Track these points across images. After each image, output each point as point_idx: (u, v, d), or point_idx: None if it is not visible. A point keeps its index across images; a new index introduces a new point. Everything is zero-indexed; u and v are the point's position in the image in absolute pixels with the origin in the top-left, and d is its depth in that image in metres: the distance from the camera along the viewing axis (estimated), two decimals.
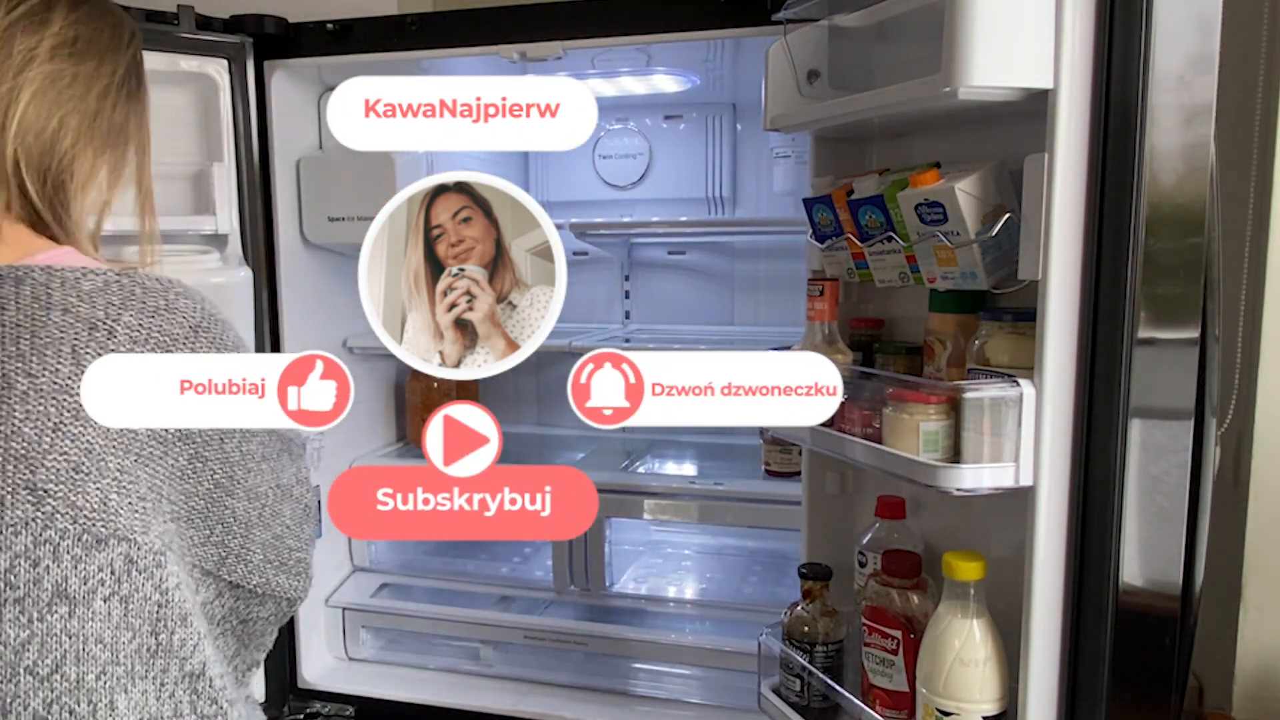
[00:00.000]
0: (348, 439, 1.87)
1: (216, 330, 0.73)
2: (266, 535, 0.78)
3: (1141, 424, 0.90)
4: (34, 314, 0.65)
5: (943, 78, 0.90)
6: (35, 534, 0.62)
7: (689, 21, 1.40)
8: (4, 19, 0.72)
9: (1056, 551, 0.94)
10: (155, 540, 0.67)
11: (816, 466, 1.33)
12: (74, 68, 0.76)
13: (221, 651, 0.76)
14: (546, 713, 1.64)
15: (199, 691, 0.68)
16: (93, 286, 0.68)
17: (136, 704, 0.65)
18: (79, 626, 0.63)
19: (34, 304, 0.66)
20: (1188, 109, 0.86)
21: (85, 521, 0.64)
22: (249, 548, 0.77)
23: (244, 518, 0.76)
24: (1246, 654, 1.41)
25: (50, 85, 0.74)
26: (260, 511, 0.77)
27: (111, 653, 0.64)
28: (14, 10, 0.73)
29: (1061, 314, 0.90)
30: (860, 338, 1.26)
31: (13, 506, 0.62)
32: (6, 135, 0.72)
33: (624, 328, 2.09)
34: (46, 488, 0.63)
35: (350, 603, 1.82)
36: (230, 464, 0.74)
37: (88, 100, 0.77)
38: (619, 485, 1.72)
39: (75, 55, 0.76)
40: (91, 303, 0.67)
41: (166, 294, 0.71)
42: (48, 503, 0.63)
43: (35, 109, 0.73)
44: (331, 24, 1.55)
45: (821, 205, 1.17)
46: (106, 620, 0.64)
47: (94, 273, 0.69)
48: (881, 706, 1.10)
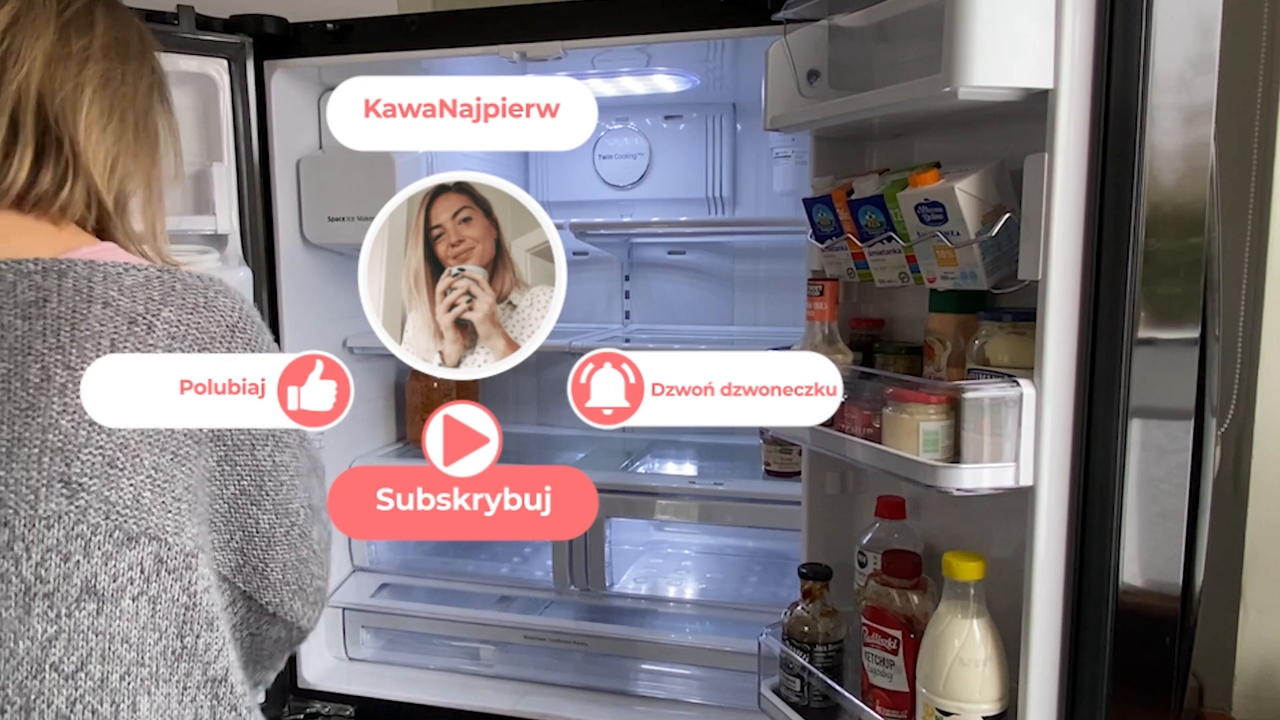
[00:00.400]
0: (348, 439, 1.87)
1: (253, 331, 0.73)
2: (290, 556, 0.77)
3: (1141, 424, 0.90)
4: (75, 307, 0.65)
5: (943, 78, 0.90)
6: (68, 528, 0.62)
7: (689, 21, 1.40)
8: (57, 18, 0.74)
9: (1056, 551, 0.94)
10: (188, 542, 0.66)
11: (816, 466, 1.33)
12: (122, 67, 0.77)
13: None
14: (546, 713, 1.64)
15: (220, 697, 0.67)
16: (134, 281, 0.68)
17: (159, 707, 0.64)
18: (106, 624, 0.62)
19: (75, 297, 0.66)
20: (1188, 109, 0.86)
21: (117, 518, 0.63)
22: (269, 563, 0.75)
23: (267, 532, 0.75)
24: (1246, 654, 1.41)
25: (105, 84, 0.75)
26: (287, 530, 0.76)
27: (137, 653, 0.63)
28: (65, 11, 0.74)
29: (1061, 314, 0.90)
30: (860, 338, 1.26)
31: (46, 499, 0.62)
32: (79, 134, 0.73)
33: (624, 328, 2.09)
34: (81, 481, 0.62)
35: (350, 603, 1.82)
36: (260, 473, 0.73)
37: (138, 99, 0.78)
38: (619, 485, 1.72)
39: (121, 56, 0.77)
40: (132, 297, 0.67)
41: (206, 291, 0.71)
42: (81, 496, 0.62)
43: (99, 107, 0.74)
44: (331, 24, 1.55)
45: (821, 205, 1.17)
46: (134, 620, 0.63)
47: (135, 268, 0.69)
48: (881, 706, 1.10)
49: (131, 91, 0.78)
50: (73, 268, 0.67)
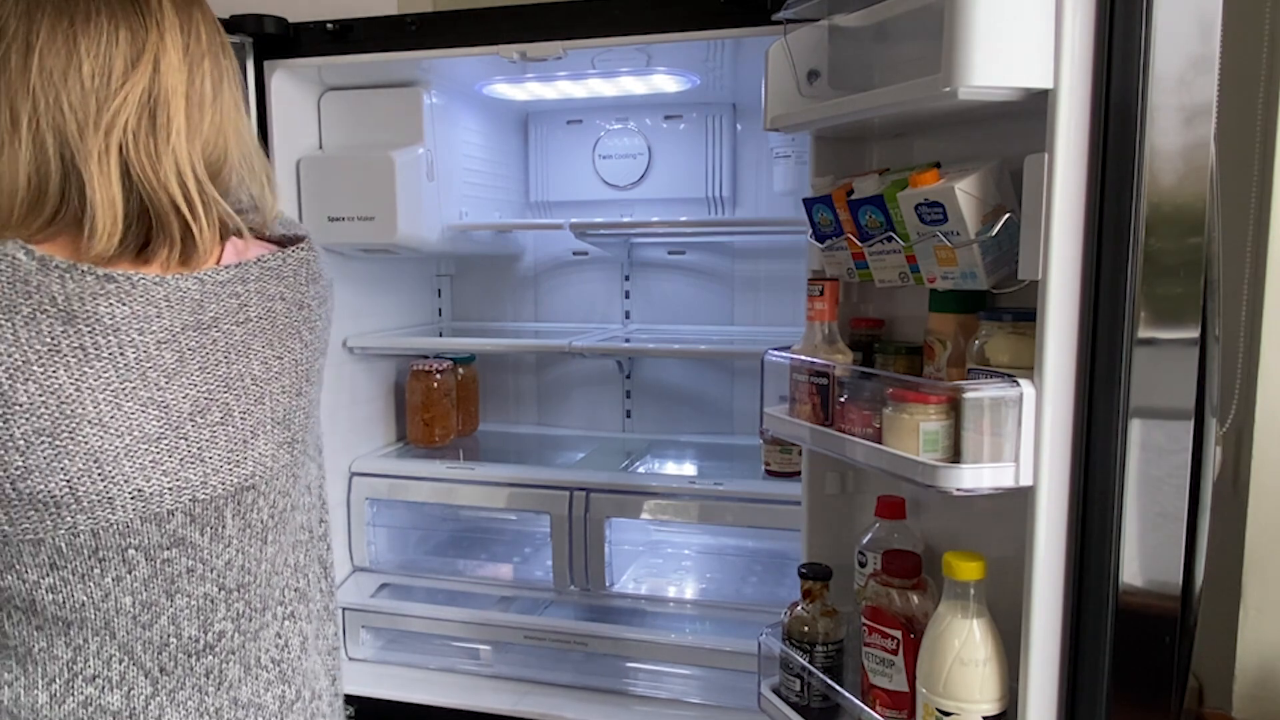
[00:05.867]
0: (348, 439, 1.87)
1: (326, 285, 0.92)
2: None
3: (1141, 424, 0.90)
4: (267, 307, 0.81)
5: (943, 78, 0.90)
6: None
7: (689, 21, 1.40)
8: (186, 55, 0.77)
9: (1056, 551, 0.94)
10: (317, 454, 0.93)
11: (816, 466, 1.33)
12: (227, 61, 0.82)
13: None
14: (546, 713, 1.64)
15: (326, 566, 0.96)
16: (289, 269, 0.83)
17: (314, 558, 0.94)
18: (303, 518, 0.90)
19: (262, 298, 0.80)
20: (1188, 109, 0.86)
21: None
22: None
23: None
24: (1246, 654, 1.42)
25: (221, 82, 0.81)
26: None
27: (309, 534, 0.91)
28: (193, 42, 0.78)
29: (1061, 314, 0.90)
30: (860, 338, 1.26)
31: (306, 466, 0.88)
32: (214, 135, 0.79)
33: (624, 328, 2.09)
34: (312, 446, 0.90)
35: (350, 603, 1.82)
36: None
37: (236, 97, 0.83)
38: (619, 485, 1.72)
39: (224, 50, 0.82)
40: (295, 286, 0.84)
41: (319, 262, 0.89)
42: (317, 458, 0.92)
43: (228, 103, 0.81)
44: (331, 24, 1.55)
45: (821, 205, 1.17)
46: (309, 512, 0.91)
47: (277, 255, 0.83)
48: (881, 706, 1.10)
49: (231, 90, 0.82)
50: (249, 272, 0.81)
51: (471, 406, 2.09)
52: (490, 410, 2.19)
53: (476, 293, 2.21)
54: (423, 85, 1.73)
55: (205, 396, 0.76)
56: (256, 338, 0.80)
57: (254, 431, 0.79)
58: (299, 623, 0.88)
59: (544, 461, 1.98)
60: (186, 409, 0.75)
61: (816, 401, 1.13)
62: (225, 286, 0.78)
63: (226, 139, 0.80)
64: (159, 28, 0.74)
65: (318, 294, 0.87)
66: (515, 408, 2.20)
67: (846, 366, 1.12)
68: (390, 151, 1.66)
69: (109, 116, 0.71)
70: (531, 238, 2.14)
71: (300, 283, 0.84)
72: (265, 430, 0.80)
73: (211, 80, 0.78)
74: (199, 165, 0.76)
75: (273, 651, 0.85)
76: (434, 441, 1.97)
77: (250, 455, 0.79)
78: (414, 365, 1.96)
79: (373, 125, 1.73)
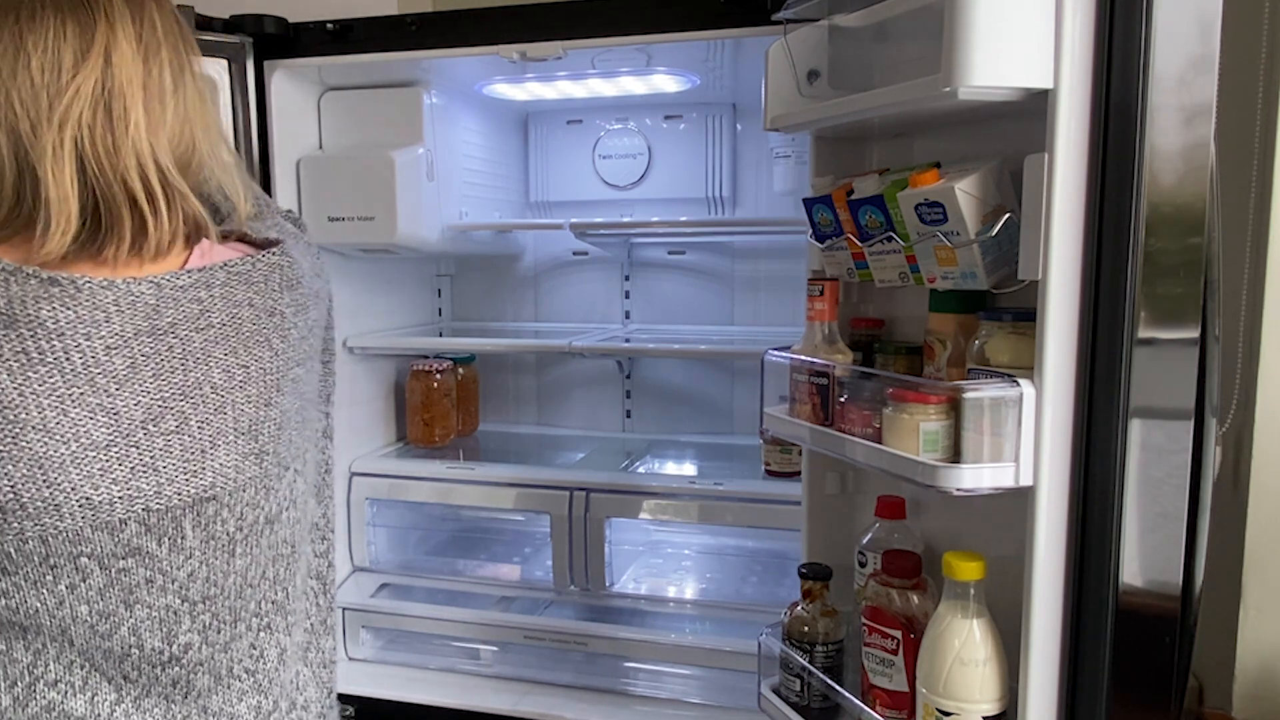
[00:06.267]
0: (348, 439, 1.87)
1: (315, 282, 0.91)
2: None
3: (1141, 424, 0.90)
4: (232, 314, 0.78)
5: (943, 78, 0.90)
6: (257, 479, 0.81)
7: (689, 21, 1.40)
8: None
9: (1056, 551, 0.94)
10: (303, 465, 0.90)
11: (816, 466, 1.33)
12: (189, 53, 0.80)
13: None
14: (546, 713, 1.64)
15: (325, 581, 1.00)
16: (259, 275, 0.80)
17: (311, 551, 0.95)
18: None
19: (227, 304, 0.78)
20: (1188, 109, 0.86)
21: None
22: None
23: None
24: (1246, 654, 1.42)
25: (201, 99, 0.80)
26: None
27: (291, 547, 0.87)
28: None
29: (1061, 314, 0.90)
30: (860, 338, 1.26)
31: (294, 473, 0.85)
32: (180, 126, 0.77)
33: (624, 328, 2.09)
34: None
35: (350, 603, 1.82)
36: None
37: (200, 88, 0.81)
38: (619, 485, 1.72)
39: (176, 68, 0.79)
40: (265, 292, 0.81)
41: (295, 268, 0.85)
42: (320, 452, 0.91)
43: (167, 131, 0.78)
44: (331, 24, 1.55)
45: (821, 205, 1.17)
46: (293, 526, 0.87)
47: (246, 260, 0.80)
48: (881, 706, 1.10)
49: (196, 93, 0.80)
50: (214, 277, 0.78)
51: (471, 406, 2.09)
52: (490, 410, 2.19)
53: (476, 293, 2.21)
54: (423, 85, 1.73)
55: (159, 404, 0.73)
56: (218, 345, 0.77)
57: (213, 441, 0.76)
58: (276, 635, 0.86)
59: (544, 461, 1.98)
60: (139, 416, 0.72)
61: (816, 401, 1.13)
62: (186, 291, 0.75)
63: (193, 130, 0.78)
64: (108, 19, 0.72)
65: (294, 301, 0.84)
66: (515, 408, 2.19)
67: (846, 366, 1.12)
68: (390, 151, 1.66)
69: (61, 111, 0.70)
70: (531, 238, 2.15)
71: (272, 289, 0.81)
72: (227, 440, 0.77)
73: (171, 71, 0.76)
74: (164, 157, 0.74)
75: (246, 662, 0.83)
76: (434, 441, 1.97)
77: (209, 465, 0.76)
78: (414, 365, 1.96)
79: (373, 125, 1.73)
